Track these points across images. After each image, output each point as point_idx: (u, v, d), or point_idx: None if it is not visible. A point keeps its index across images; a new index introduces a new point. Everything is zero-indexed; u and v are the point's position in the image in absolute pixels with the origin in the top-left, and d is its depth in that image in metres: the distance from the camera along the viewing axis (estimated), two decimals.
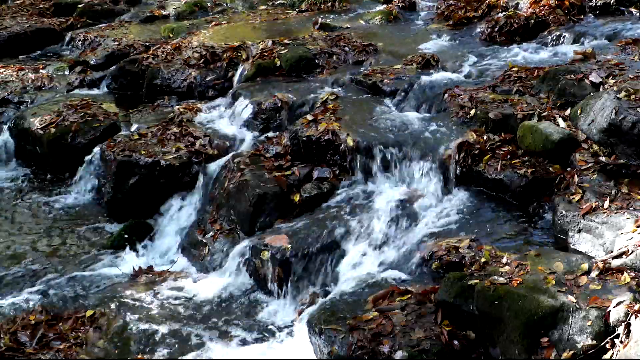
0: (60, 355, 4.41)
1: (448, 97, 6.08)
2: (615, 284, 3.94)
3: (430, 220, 5.09)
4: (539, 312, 3.82)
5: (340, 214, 5.25)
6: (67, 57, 9.10)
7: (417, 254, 4.77)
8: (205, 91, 7.42)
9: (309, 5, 9.73)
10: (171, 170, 6.09)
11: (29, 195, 6.65)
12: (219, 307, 4.99)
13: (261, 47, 7.61)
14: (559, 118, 5.48)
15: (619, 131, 4.90)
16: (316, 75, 7.15)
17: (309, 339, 4.30)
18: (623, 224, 4.37)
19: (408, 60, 7.04)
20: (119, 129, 6.87)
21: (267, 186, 5.56)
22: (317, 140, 5.74)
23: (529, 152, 5.29)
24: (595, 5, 7.90)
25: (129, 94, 7.79)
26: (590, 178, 4.89)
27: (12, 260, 5.65)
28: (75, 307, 4.94)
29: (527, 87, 6.08)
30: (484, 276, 4.16)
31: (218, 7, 10.39)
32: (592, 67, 5.91)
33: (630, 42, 6.61)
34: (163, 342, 4.62)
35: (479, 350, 4.04)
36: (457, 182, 5.35)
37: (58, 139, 6.84)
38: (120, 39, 9.05)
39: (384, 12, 9.04)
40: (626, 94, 5.02)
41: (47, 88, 8.02)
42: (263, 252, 5.03)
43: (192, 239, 5.73)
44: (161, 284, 5.22)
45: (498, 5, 8.30)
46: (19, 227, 6.14)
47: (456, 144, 5.41)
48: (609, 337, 3.65)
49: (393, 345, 3.95)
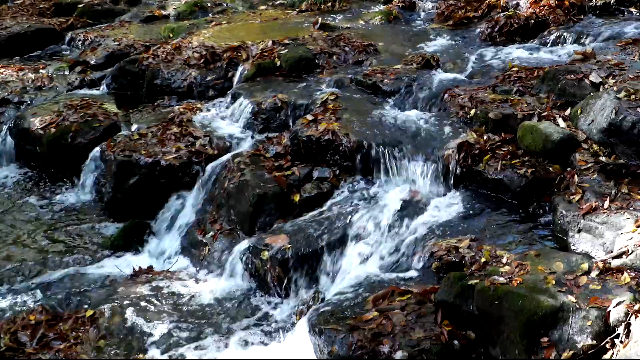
0: (60, 355, 4.41)
1: (448, 97, 6.09)
2: (615, 284, 3.94)
3: (430, 220, 5.09)
4: (539, 312, 3.82)
5: (340, 214, 5.25)
6: (67, 57, 9.09)
7: (417, 254, 4.78)
8: (205, 91, 7.41)
9: (309, 5, 9.71)
10: (171, 170, 6.09)
11: (29, 195, 6.65)
12: (219, 307, 4.99)
13: (261, 47, 7.60)
14: (559, 118, 5.49)
15: (619, 131, 4.90)
16: (316, 75, 7.14)
17: (309, 339, 4.29)
18: (623, 224, 4.37)
19: (408, 60, 7.04)
20: (119, 129, 6.87)
21: (267, 186, 5.56)
22: (317, 140, 5.74)
23: (529, 152, 5.29)
24: (595, 5, 7.90)
25: (129, 94, 7.78)
26: (590, 178, 4.89)
27: (12, 260, 5.64)
28: (75, 307, 4.94)
29: (527, 87, 6.08)
30: (484, 276, 4.16)
31: (218, 7, 10.37)
32: (592, 67, 5.92)
33: (630, 42, 6.61)
34: (163, 342, 4.62)
35: (479, 350, 4.04)
36: (457, 182, 5.35)
37: (58, 139, 6.83)
38: (121, 39, 9.04)
39: (384, 12, 9.03)
40: (626, 94, 5.02)
41: (47, 88, 8.01)
42: (263, 252, 5.03)
43: (192, 239, 5.73)
44: (161, 284, 5.21)
45: (498, 5, 8.31)
46: (18, 227, 6.13)
47: (456, 144, 5.41)
48: (609, 337, 3.65)
49: (393, 345, 3.96)
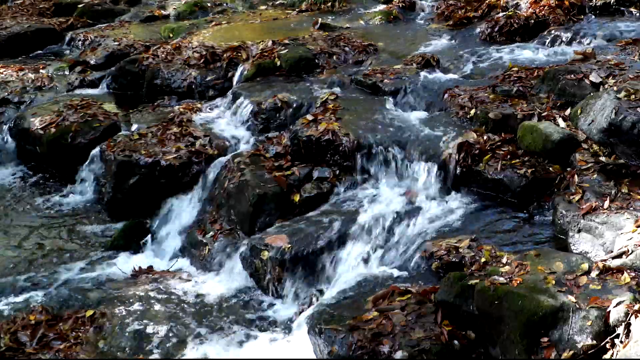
0: (60, 355, 4.41)
1: (448, 97, 6.09)
2: (615, 284, 3.93)
3: (430, 220, 5.10)
4: (539, 312, 3.81)
5: (340, 214, 5.25)
6: (67, 57, 9.09)
7: (417, 254, 4.78)
8: (205, 91, 7.41)
9: (309, 5, 9.71)
10: (171, 170, 6.09)
11: (29, 195, 6.65)
12: (219, 307, 4.98)
13: (261, 47, 7.60)
14: (559, 118, 5.49)
15: (619, 131, 4.90)
16: (316, 75, 7.14)
17: (309, 339, 4.30)
18: (623, 224, 4.37)
19: (408, 60, 7.04)
20: (119, 129, 6.87)
21: (267, 186, 5.56)
22: (317, 140, 5.74)
23: (529, 152, 5.29)
24: (595, 5, 7.90)
25: (129, 94, 7.78)
26: (590, 178, 4.89)
27: (12, 260, 5.64)
28: (75, 307, 4.93)
29: (527, 87, 6.08)
30: (484, 276, 4.16)
31: (218, 7, 10.36)
32: (592, 67, 5.92)
33: (630, 42, 6.62)
34: (163, 342, 4.62)
35: (479, 350, 4.04)
36: (457, 182, 5.35)
37: (58, 139, 6.83)
38: (121, 39, 9.03)
39: (384, 12, 9.03)
40: (626, 94, 5.02)
41: (47, 88, 8.01)
42: (263, 252, 5.02)
43: (192, 239, 5.73)
44: (161, 284, 5.21)
45: (498, 5, 8.30)
46: (18, 227, 6.13)
47: (456, 144, 5.41)
48: (609, 337, 3.65)
49: (393, 345, 3.95)
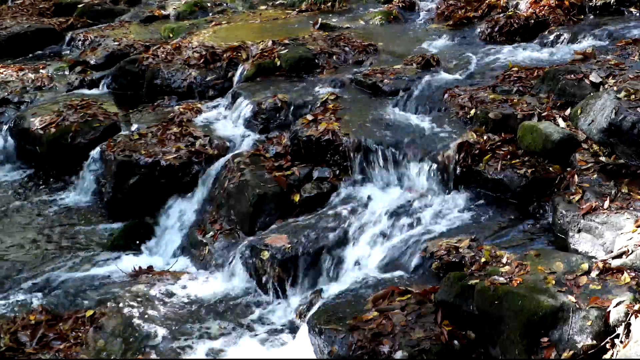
0: (60, 355, 4.41)
1: (448, 97, 6.09)
2: (615, 284, 3.93)
3: (430, 220, 5.10)
4: (539, 312, 3.81)
5: (341, 214, 5.25)
6: (67, 57, 9.09)
7: (417, 254, 4.77)
8: (205, 91, 7.41)
9: (309, 5, 9.70)
10: (171, 170, 6.09)
11: (29, 195, 6.65)
12: (219, 307, 4.98)
13: (261, 47, 7.60)
14: (559, 118, 5.48)
15: (619, 131, 4.90)
16: (316, 75, 7.13)
17: (309, 339, 4.29)
18: (623, 224, 4.37)
19: (408, 60, 7.03)
20: (119, 129, 6.87)
21: (267, 186, 5.56)
22: (317, 140, 5.74)
23: (529, 152, 5.29)
24: (595, 5, 7.89)
25: (129, 94, 7.78)
26: (590, 178, 4.89)
27: (12, 260, 5.65)
28: (75, 307, 4.93)
29: (527, 87, 6.08)
30: (484, 276, 4.16)
31: (218, 7, 10.36)
32: (592, 67, 5.91)
33: (630, 42, 6.60)
34: (163, 342, 4.61)
35: (479, 350, 4.04)
36: (457, 182, 5.34)
37: (58, 139, 6.84)
38: (121, 39, 9.03)
39: (384, 12, 9.02)
40: (626, 94, 5.02)
41: (47, 88, 8.01)
42: (263, 252, 5.02)
43: (192, 238, 5.73)
44: (161, 284, 5.21)
45: (498, 5, 8.29)
46: (18, 227, 6.13)
47: (456, 144, 5.41)
48: (609, 337, 3.65)
49: (393, 345, 3.95)
